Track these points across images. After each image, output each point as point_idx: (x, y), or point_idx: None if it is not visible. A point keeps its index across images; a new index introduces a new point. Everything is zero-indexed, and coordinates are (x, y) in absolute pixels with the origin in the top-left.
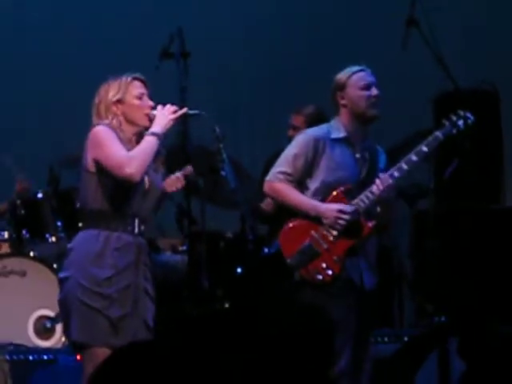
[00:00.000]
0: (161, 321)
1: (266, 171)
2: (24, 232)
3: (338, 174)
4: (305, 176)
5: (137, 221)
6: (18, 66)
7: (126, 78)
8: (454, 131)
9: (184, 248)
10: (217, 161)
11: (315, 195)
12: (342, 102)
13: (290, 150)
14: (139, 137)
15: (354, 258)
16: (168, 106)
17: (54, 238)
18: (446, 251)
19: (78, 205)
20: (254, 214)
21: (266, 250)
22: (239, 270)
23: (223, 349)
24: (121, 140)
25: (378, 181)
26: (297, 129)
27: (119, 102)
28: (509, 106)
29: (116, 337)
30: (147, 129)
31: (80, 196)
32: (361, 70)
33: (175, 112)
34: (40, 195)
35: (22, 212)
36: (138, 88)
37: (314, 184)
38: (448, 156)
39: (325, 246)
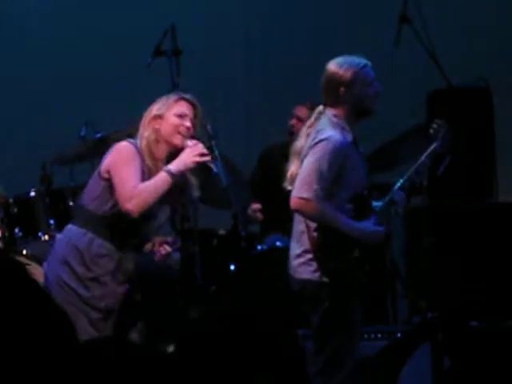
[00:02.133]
0: (155, 317)
1: (261, 167)
2: (17, 230)
3: (360, 179)
4: (332, 185)
5: (134, 242)
6: (14, 64)
7: (174, 96)
8: (437, 147)
9: (177, 246)
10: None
11: (345, 203)
12: (345, 98)
13: (323, 159)
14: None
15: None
16: (199, 146)
17: (46, 237)
18: (439, 248)
19: (77, 201)
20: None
21: (259, 247)
22: (232, 267)
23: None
24: (143, 163)
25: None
26: (300, 120)
27: (159, 117)
28: (501, 103)
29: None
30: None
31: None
32: (365, 66)
33: (202, 155)
34: (32, 193)
35: (15, 210)
36: (181, 107)
37: (343, 192)
38: (440, 153)
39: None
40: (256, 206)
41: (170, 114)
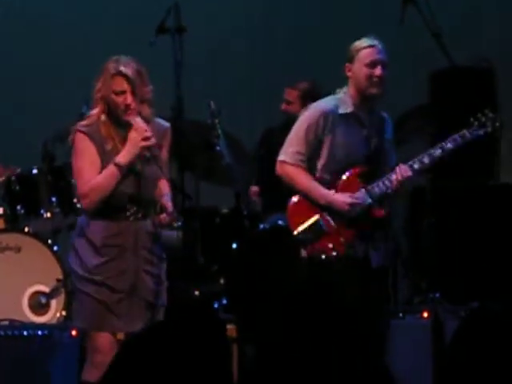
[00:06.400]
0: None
1: (262, 148)
2: (19, 208)
3: (346, 150)
4: (313, 153)
5: (134, 208)
6: (17, 39)
7: (111, 70)
8: (481, 133)
9: (179, 224)
10: (212, 136)
11: (323, 172)
12: (349, 73)
13: (300, 126)
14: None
15: (362, 238)
16: (142, 129)
17: (48, 214)
18: (440, 228)
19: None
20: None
21: (262, 225)
22: (234, 245)
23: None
24: (102, 139)
25: (398, 170)
26: (290, 103)
27: (101, 98)
28: (505, 83)
29: (113, 321)
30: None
31: None
32: (370, 46)
33: (146, 139)
34: (35, 171)
35: (17, 188)
36: (118, 83)
37: (320, 161)
38: (443, 133)
39: (334, 226)
40: (255, 189)
41: (109, 93)
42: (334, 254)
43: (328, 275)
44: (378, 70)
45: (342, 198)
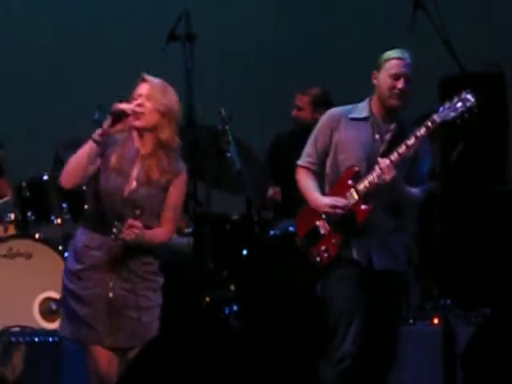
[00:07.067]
0: (167, 304)
1: (270, 155)
2: (29, 214)
3: (349, 153)
4: (324, 155)
5: (116, 225)
6: (31, 40)
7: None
8: (453, 114)
9: (190, 230)
10: (223, 142)
11: (331, 172)
12: (374, 81)
13: (314, 130)
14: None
15: (363, 239)
16: (114, 104)
17: (59, 220)
18: (452, 234)
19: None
20: (261, 202)
21: (272, 232)
22: (245, 252)
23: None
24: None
25: (378, 161)
26: (301, 109)
27: None
28: None
29: (88, 334)
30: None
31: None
32: (397, 58)
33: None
34: (45, 177)
35: (28, 194)
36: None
37: (328, 162)
38: (454, 139)
39: (328, 229)
40: (276, 189)
41: None
42: (326, 255)
43: (324, 279)
44: (400, 83)
45: (322, 201)
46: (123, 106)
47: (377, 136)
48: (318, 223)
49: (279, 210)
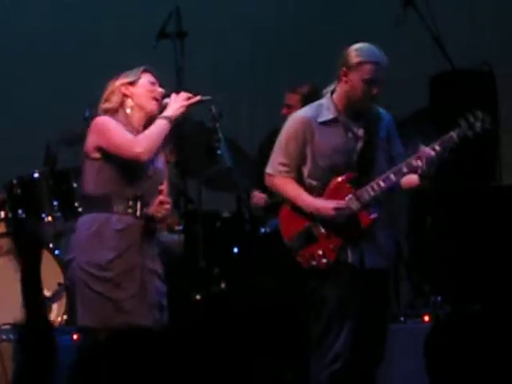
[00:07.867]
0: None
1: (261, 153)
2: (20, 212)
3: (329, 157)
4: (299, 161)
5: (139, 204)
6: (19, 39)
7: (138, 68)
8: (469, 133)
9: (180, 228)
10: (213, 140)
11: (310, 179)
12: (343, 78)
13: (281, 137)
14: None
15: (357, 242)
16: (182, 93)
17: (50, 218)
18: (443, 230)
19: (79, 191)
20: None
21: (263, 229)
22: (236, 249)
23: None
24: (126, 128)
25: (385, 175)
26: (291, 107)
27: (131, 84)
28: (505, 86)
29: (122, 319)
30: (154, 118)
31: (82, 183)
32: (373, 63)
33: (189, 99)
34: (36, 175)
35: (18, 191)
36: (150, 77)
37: (306, 169)
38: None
39: (324, 233)
40: (260, 195)
41: (142, 80)
42: (325, 260)
43: (318, 281)
44: (375, 90)
45: (326, 204)
46: (195, 98)
47: (350, 134)
48: (308, 227)
49: (270, 207)
